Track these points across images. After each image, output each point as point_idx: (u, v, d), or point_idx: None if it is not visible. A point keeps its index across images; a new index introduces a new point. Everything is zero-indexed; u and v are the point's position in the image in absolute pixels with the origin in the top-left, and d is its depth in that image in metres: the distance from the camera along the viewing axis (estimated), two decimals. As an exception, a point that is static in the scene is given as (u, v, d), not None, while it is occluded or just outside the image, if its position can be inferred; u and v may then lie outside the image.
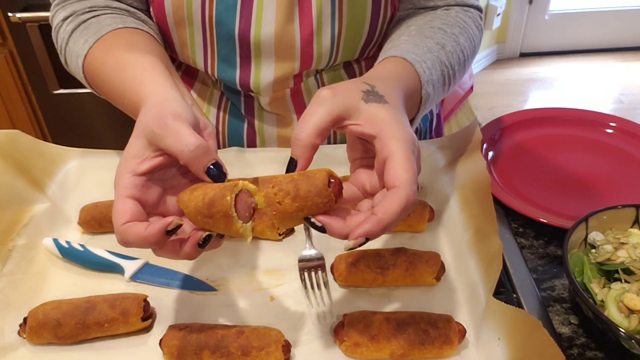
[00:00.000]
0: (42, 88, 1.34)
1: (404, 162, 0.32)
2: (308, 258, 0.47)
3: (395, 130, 0.34)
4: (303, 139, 0.34)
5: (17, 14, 1.20)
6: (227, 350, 0.39)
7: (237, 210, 0.33)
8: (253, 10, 0.50)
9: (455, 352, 0.40)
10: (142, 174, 0.35)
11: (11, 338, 0.43)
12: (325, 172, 0.34)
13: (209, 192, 0.33)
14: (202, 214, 0.33)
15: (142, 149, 0.35)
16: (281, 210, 0.33)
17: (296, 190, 0.33)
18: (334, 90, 0.35)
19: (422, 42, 0.48)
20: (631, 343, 0.39)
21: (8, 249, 0.49)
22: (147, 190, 0.35)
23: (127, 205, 0.34)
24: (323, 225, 0.33)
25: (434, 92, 0.47)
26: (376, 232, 0.32)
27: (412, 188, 0.32)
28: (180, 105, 0.36)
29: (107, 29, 0.47)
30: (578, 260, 0.45)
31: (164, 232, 0.33)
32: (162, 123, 0.34)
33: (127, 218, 0.33)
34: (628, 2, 2.28)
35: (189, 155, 0.34)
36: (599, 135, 0.65)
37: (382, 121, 0.34)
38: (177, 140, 0.34)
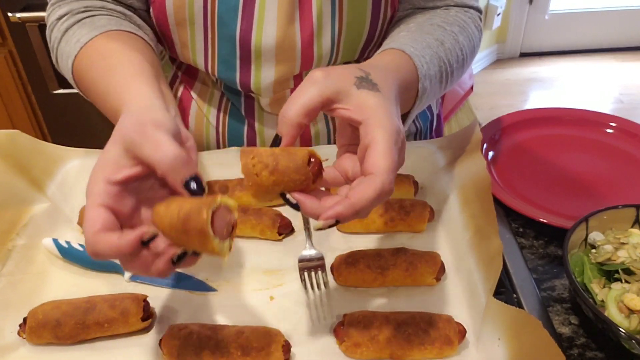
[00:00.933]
0: (42, 88, 1.34)
1: (385, 150, 0.32)
2: (308, 258, 0.47)
3: (382, 118, 0.33)
4: (290, 117, 0.34)
5: (16, 14, 1.20)
6: (227, 351, 0.39)
7: (213, 227, 0.31)
8: (255, 11, 0.50)
9: (455, 352, 0.40)
10: (117, 183, 0.33)
11: (11, 338, 0.43)
12: (307, 151, 0.33)
13: (185, 207, 0.31)
14: (177, 229, 0.31)
15: (118, 156, 0.33)
16: (257, 183, 0.33)
17: (275, 164, 0.32)
18: (327, 73, 0.35)
19: (421, 37, 0.47)
20: (631, 343, 0.39)
21: (8, 249, 0.49)
22: (121, 200, 0.33)
23: (99, 214, 0.32)
24: (297, 202, 0.33)
25: (430, 88, 0.46)
26: (347, 215, 0.32)
27: (389, 177, 0.32)
28: (162, 113, 0.35)
29: (100, 30, 0.47)
30: (578, 261, 0.45)
31: (138, 242, 0.31)
32: (141, 131, 0.33)
33: (99, 227, 0.31)
34: (628, 2, 2.28)
35: (167, 166, 0.32)
36: (599, 135, 0.65)
37: (370, 108, 0.34)
38: (155, 149, 0.32)
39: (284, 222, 0.51)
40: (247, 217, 0.50)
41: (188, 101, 0.62)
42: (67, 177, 0.56)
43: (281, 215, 0.51)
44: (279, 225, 0.50)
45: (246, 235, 0.51)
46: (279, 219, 0.50)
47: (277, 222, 0.50)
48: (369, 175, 0.32)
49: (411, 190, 0.54)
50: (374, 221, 0.51)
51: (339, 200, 0.32)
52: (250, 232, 0.51)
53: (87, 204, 0.33)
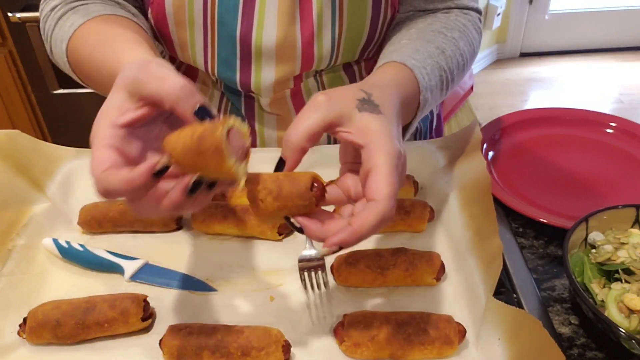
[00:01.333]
0: (42, 88, 1.34)
1: (386, 176, 0.33)
2: (308, 258, 0.47)
3: (383, 143, 0.34)
4: (293, 141, 0.34)
5: (16, 14, 1.20)
6: (227, 351, 0.39)
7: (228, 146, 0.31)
8: (255, 11, 0.50)
9: (455, 352, 0.40)
10: (123, 126, 0.33)
11: (11, 338, 0.43)
12: (310, 176, 0.34)
13: (199, 129, 0.31)
14: (192, 151, 0.30)
15: (123, 100, 0.33)
16: (262, 208, 0.34)
17: (279, 190, 0.33)
18: (329, 97, 0.36)
19: (423, 46, 0.48)
20: (631, 343, 0.39)
21: (8, 249, 0.49)
22: (127, 143, 0.33)
23: (107, 154, 0.31)
24: (301, 226, 0.34)
25: (431, 97, 0.47)
26: (350, 242, 0.33)
27: (390, 203, 0.33)
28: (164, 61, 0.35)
29: (94, 14, 0.47)
30: (578, 261, 0.45)
31: (151, 172, 0.30)
32: (145, 69, 0.33)
33: (108, 164, 0.31)
34: (628, 2, 2.28)
35: (175, 96, 0.32)
36: (599, 135, 0.65)
37: (372, 132, 0.34)
38: (162, 82, 0.32)
39: (284, 222, 0.51)
40: (247, 217, 0.50)
41: (188, 101, 0.62)
42: (67, 177, 0.56)
43: (281, 215, 0.51)
44: (279, 225, 0.50)
45: (246, 235, 0.51)
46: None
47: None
48: (371, 202, 0.33)
49: (411, 190, 0.54)
50: (374, 221, 0.51)
51: (342, 228, 0.33)
52: (250, 232, 0.51)
53: (92, 147, 0.32)
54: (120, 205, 0.52)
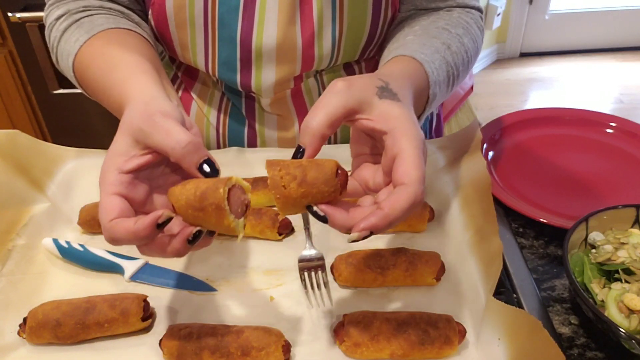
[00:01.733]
0: (42, 88, 1.34)
1: (415, 160, 0.32)
2: (308, 258, 0.47)
3: (408, 128, 0.34)
4: (314, 127, 0.33)
5: (16, 14, 1.20)
6: (227, 351, 0.39)
7: (229, 204, 0.32)
8: (255, 12, 0.50)
9: (455, 352, 0.40)
10: (129, 172, 0.34)
11: (11, 338, 0.43)
12: (334, 162, 0.33)
13: (202, 186, 0.32)
14: (194, 207, 0.32)
15: (128, 146, 0.34)
16: (285, 195, 0.32)
17: (303, 176, 0.32)
18: (349, 83, 0.35)
19: (429, 41, 0.48)
20: (631, 343, 0.39)
21: (8, 249, 0.49)
22: (133, 188, 0.34)
23: (114, 202, 0.33)
24: (325, 214, 0.33)
25: (439, 93, 0.47)
26: (381, 227, 0.32)
27: (421, 187, 0.32)
28: (167, 103, 0.36)
29: (99, 29, 0.47)
30: (578, 261, 0.45)
31: (154, 225, 0.32)
32: (150, 121, 0.34)
33: (116, 214, 0.33)
34: (628, 2, 2.28)
35: (180, 152, 0.33)
36: (599, 135, 0.65)
37: (395, 118, 0.34)
38: (167, 137, 0.33)
39: (284, 222, 0.51)
40: (246, 217, 0.50)
41: (188, 101, 0.62)
42: (67, 177, 0.56)
43: (281, 215, 0.51)
44: (279, 225, 0.50)
45: (246, 235, 0.51)
46: (279, 218, 0.50)
47: (277, 222, 0.50)
48: (401, 185, 0.32)
49: (411, 190, 0.54)
50: (374, 221, 0.51)
51: (372, 212, 0.32)
52: (250, 232, 0.51)
53: (101, 194, 0.34)
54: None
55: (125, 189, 0.34)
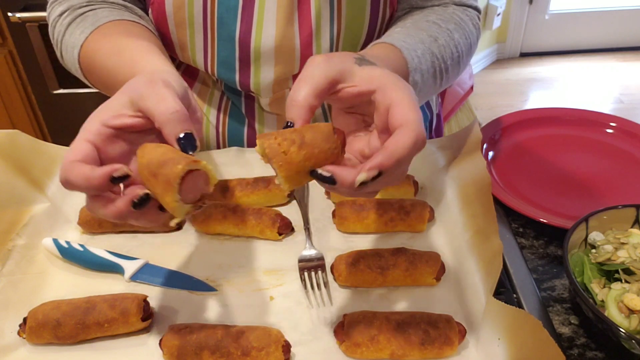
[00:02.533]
0: (42, 88, 1.34)
1: (410, 103, 0.32)
2: (308, 258, 0.47)
3: (394, 81, 0.33)
4: (300, 100, 0.33)
5: (16, 14, 1.20)
6: (227, 351, 0.39)
7: (182, 184, 0.31)
8: (254, 12, 0.50)
9: (455, 352, 0.40)
10: (112, 127, 0.33)
11: (11, 338, 0.43)
12: (328, 123, 0.33)
13: (170, 154, 0.31)
14: (150, 170, 0.31)
15: (121, 105, 0.34)
16: (287, 161, 0.31)
17: (301, 138, 0.31)
18: (327, 56, 0.35)
19: (415, 33, 0.48)
20: (631, 343, 0.39)
21: (8, 249, 0.49)
22: (110, 143, 0.34)
23: (83, 147, 0.32)
24: (332, 174, 0.31)
25: (422, 82, 0.46)
26: (389, 165, 0.30)
27: (421, 126, 0.31)
28: (174, 78, 0.36)
29: (103, 20, 0.48)
30: (578, 260, 0.45)
31: (108, 176, 0.31)
32: (150, 85, 0.34)
33: (78, 157, 0.32)
34: (628, 2, 2.28)
35: (165, 118, 0.32)
36: (599, 135, 0.65)
37: (379, 77, 0.34)
38: (158, 102, 0.33)
39: (284, 222, 0.51)
40: (247, 217, 0.50)
41: (188, 101, 0.62)
42: (67, 177, 0.56)
43: (281, 216, 0.51)
44: (279, 225, 0.50)
45: (246, 235, 0.51)
46: (279, 219, 0.50)
47: (277, 222, 0.50)
48: (400, 127, 0.31)
49: (411, 190, 0.54)
50: (374, 221, 0.51)
51: (376, 153, 0.31)
52: (250, 232, 0.51)
53: (76, 138, 0.33)
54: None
55: (101, 140, 0.33)
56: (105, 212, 0.32)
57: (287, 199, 0.55)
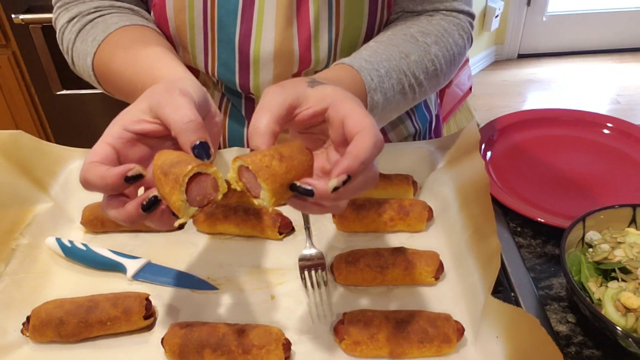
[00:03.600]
0: (45, 89, 1.34)
1: (362, 112, 0.33)
2: (308, 257, 0.47)
3: (344, 96, 0.35)
4: (262, 127, 0.34)
5: (20, 16, 1.21)
6: (228, 349, 0.40)
7: (189, 186, 0.32)
8: (254, 15, 0.50)
9: (453, 350, 0.41)
10: (132, 132, 0.35)
11: (14, 336, 0.43)
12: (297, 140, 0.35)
13: (183, 157, 0.32)
14: (162, 169, 0.32)
15: (142, 111, 0.35)
16: (272, 174, 0.32)
17: (280, 154, 0.33)
18: (280, 84, 0.36)
19: (385, 50, 0.48)
20: (628, 341, 0.39)
21: (11, 248, 0.49)
22: (131, 146, 0.35)
23: (103, 149, 0.34)
24: (311, 186, 0.32)
25: (386, 100, 0.47)
26: (355, 168, 0.32)
27: (376, 129, 0.33)
28: (192, 85, 0.37)
29: (114, 27, 0.48)
30: (575, 260, 0.45)
31: (123, 175, 0.32)
32: (168, 94, 0.35)
33: (97, 159, 0.33)
34: (625, 4, 2.29)
35: (180, 127, 0.33)
36: (596, 136, 0.66)
37: (330, 94, 0.35)
38: (174, 111, 0.34)
39: (285, 222, 0.51)
40: (248, 216, 0.51)
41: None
42: (70, 177, 0.57)
43: (281, 215, 0.52)
44: (279, 225, 0.51)
45: (247, 234, 0.52)
46: (279, 218, 0.51)
47: (277, 221, 0.51)
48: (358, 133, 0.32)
49: (410, 190, 0.54)
50: (374, 221, 0.51)
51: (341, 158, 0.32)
52: (251, 232, 0.51)
53: (97, 141, 0.34)
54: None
55: (121, 144, 0.34)
56: (118, 215, 0.33)
57: (287, 199, 0.55)
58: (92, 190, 0.33)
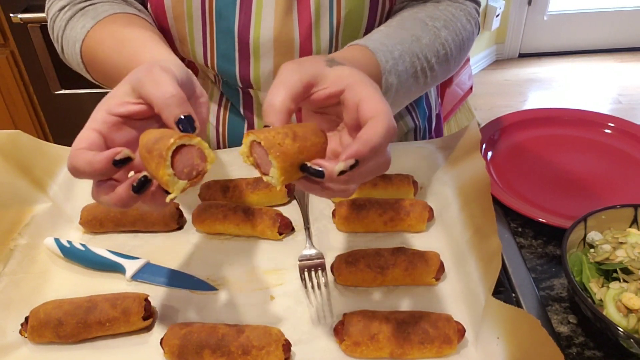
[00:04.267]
0: (44, 89, 1.35)
1: (378, 98, 0.33)
2: (308, 257, 0.47)
3: (362, 79, 0.35)
4: (278, 104, 0.34)
5: (18, 15, 1.21)
6: (227, 350, 0.40)
7: (175, 159, 0.31)
8: (253, 4, 0.50)
9: (454, 351, 0.41)
10: (117, 115, 0.34)
11: (13, 337, 0.43)
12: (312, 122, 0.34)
13: (166, 134, 0.32)
14: (146, 147, 0.32)
15: (124, 93, 0.35)
16: (284, 152, 0.32)
17: (293, 133, 0.33)
18: (298, 62, 0.36)
19: (396, 33, 0.48)
20: (629, 342, 0.39)
21: (10, 248, 0.49)
22: (117, 131, 0.34)
23: (89, 135, 0.33)
24: (321, 167, 0.32)
25: (399, 83, 0.46)
26: (364, 153, 0.31)
27: (390, 116, 0.32)
28: (175, 64, 0.36)
29: (104, 15, 0.48)
30: (577, 260, 0.45)
31: (110, 159, 0.32)
32: (148, 71, 0.34)
33: (83, 145, 0.33)
34: (627, 3, 2.29)
35: (162, 103, 0.33)
36: (597, 136, 0.65)
37: (348, 76, 0.35)
38: (155, 87, 0.33)
39: (284, 222, 0.51)
40: (247, 216, 0.51)
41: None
42: (68, 177, 0.56)
43: (281, 215, 0.51)
44: (279, 225, 0.50)
45: (247, 234, 0.52)
46: (279, 218, 0.51)
47: (277, 221, 0.50)
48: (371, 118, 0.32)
49: (411, 190, 0.54)
50: (374, 221, 0.51)
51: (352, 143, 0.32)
52: (250, 232, 0.51)
53: (83, 128, 0.34)
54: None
55: (107, 128, 0.34)
56: (109, 200, 0.33)
57: (287, 198, 0.55)
58: (81, 177, 0.33)
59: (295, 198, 0.55)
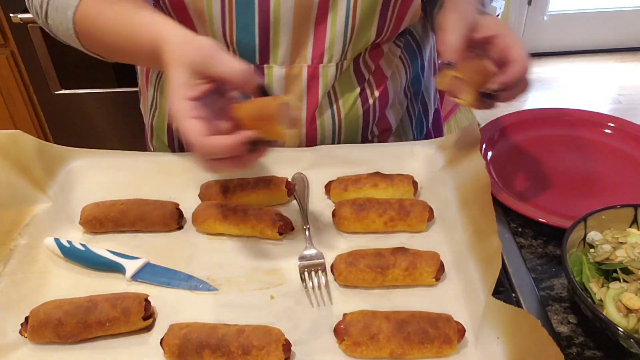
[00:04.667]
0: (44, 88, 1.34)
1: (521, 45, 0.47)
2: (308, 258, 0.47)
3: (507, 28, 0.48)
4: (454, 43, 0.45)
5: (18, 15, 1.21)
6: (227, 349, 0.40)
7: (279, 116, 0.40)
8: None
9: (454, 351, 0.41)
10: (193, 99, 0.40)
11: (13, 337, 0.43)
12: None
13: (259, 103, 0.41)
14: (253, 116, 0.41)
15: (188, 77, 0.40)
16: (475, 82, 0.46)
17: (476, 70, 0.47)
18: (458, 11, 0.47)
19: None
20: (629, 342, 0.39)
21: (10, 248, 0.49)
22: (202, 112, 0.40)
23: (195, 124, 0.39)
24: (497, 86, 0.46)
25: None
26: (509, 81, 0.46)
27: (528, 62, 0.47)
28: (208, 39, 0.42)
29: None
30: (577, 260, 0.45)
31: (244, 142, 0.39)
32: (208, 54, 0.41)
33: (204, 132, 0.39)
34: (627, 3, 2.29)
35: (240, 77, 0.40)
36: (597, 136, 0.65)
37: (497, 25, 0.48)
38: (228, 66, 0.40)
39: (285, 222, 0.51)
40: (247, 216, 0.51)
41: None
42: (68, 177, 0.57)
43: (281, 215, 0.51)
44: (279, 225, 0.50)
45: (247, 234, 0.52)
46: (279, 218, 0.51)
47: (277, 221, 0.50)
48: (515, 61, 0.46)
49: (411, 190, 0.54)
50: (374, 221, 0.51)
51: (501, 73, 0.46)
52: (250, 232, 0.51)
53: (177, 120, 0.40)
54: (121, 205, 0.52)
55: (198, 112, 0.40)
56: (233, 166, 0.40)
57: (287, 198, 0.55)
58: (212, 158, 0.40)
59: (296, 198, 0.55)
